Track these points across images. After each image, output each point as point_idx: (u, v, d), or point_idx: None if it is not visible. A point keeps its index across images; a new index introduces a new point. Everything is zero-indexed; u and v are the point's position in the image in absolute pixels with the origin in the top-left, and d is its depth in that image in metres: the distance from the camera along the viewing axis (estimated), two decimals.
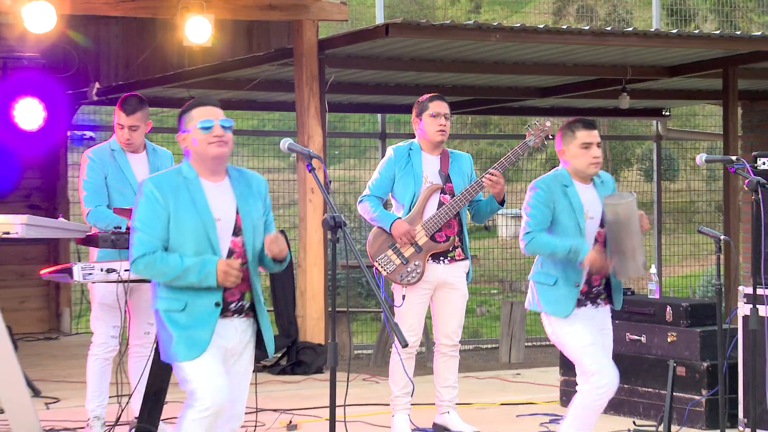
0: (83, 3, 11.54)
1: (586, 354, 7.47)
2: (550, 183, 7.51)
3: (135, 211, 6.24)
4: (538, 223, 7.46)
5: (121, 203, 8.79)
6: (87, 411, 9.03)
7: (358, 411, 9.98)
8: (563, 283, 7.49)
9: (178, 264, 6.13)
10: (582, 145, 7.46)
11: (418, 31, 12.33)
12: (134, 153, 8.98)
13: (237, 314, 6.31)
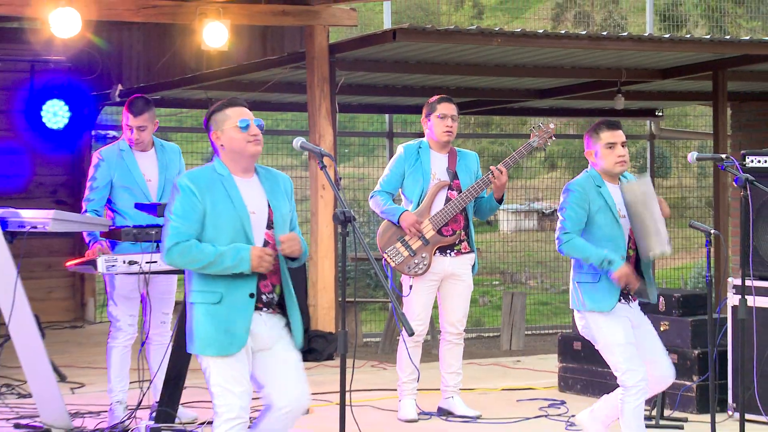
0: (107, 9, 11.55)
1: (621, 351, 7.44)
2: (584, 184, 7.50)
3: (170, 205, 6.23)
4: (575, 224, 7.44)
5: (129, 201, 8.85)
6: (109, 396, 9.05)
7: (367, 396, 9.99)
8: (606, 279, 7.42)
9: (212, 250, 6.12)
10: (607, 145, 7.48)
11: (423, 36, 12.34)
12: (143, 151, 9.00)
13: (266, 307, 6.29)
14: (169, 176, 9.03)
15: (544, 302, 18.36)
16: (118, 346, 8.95)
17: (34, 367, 8.92)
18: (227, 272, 6.15)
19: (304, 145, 6.29)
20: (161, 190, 8.98)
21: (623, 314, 7.48)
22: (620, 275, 7.32)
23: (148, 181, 8.96)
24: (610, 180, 7.53)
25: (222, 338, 6.19)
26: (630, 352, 7.41)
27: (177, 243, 6.15)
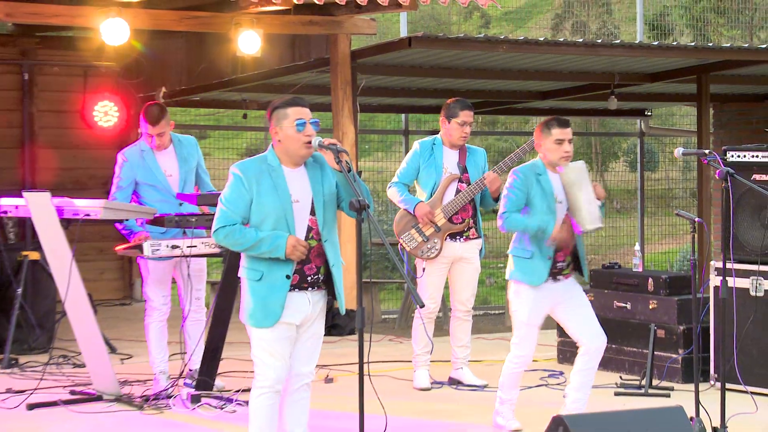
0: (153, 19, 11.56)
1: (522, 328, 7.73)
2: (526, 171, 7.67)
3: (224, 190, 6.30)
4: (513, 205, 7.62)
5: (154, 195, 8.90)
6: (152, 367, 9.07)
7: (385, 367, 9.99)
8: (538, 257, 7.60)
9: (254, 236, 6.18)
10: (556, 141, 7.61)
11: (436, 43, 12.34)
12: (159, 152, 9.01)
13: (311, 287, 6.33)
14: (188, 168, 9.07)
15: None
16: (154, 322, 9.00)
17: (88, 340, 8.95)
18: (264, 256, 6.21)
19: (322, 144, 6.27)
20: (182, 183, 9.01)
21: (547, 293, 7.66)
22: (554, 237, 7.51)
23: (169, 176, 8.98)
24: (552, 170, 7.66)
25: (259, 312, 6.26)
26: (528, 332, 7.72)
27: (224, 226, 6.23)
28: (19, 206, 9.03)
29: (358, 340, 6.06)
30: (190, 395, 8.62)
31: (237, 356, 9.97)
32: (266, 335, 6.28)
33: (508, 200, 7.61)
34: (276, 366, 6.30)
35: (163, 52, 14.31)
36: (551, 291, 7.65)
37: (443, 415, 8.60)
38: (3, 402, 8.85)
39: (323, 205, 6.35)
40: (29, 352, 10.87)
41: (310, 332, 6.43)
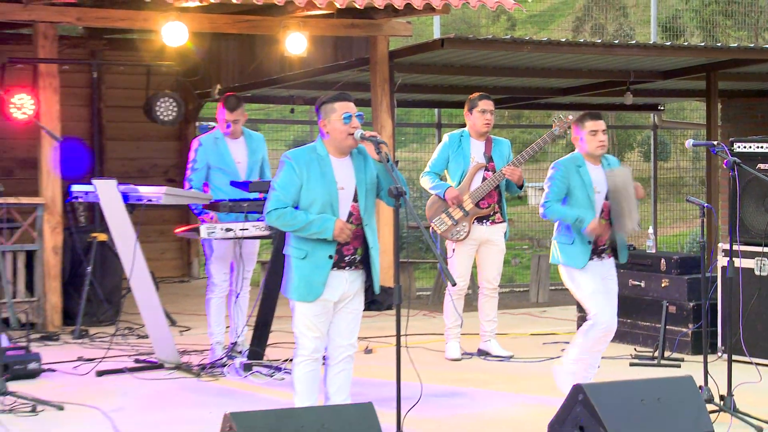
0: (209, 22, 11.58)
1: (591, 299, 7.55)
2: (566, 163, 7.59)
3: (276, 176, 6.34)
4: (556, 195, 7.54)
5: (222, 179, 8.95)
6: (210, 338, 9.11)
7: (419, 339, 9.99)
8: (579, 242, 7.53)
9: (304, 218, 6.21)
10: (590, 132, 7.53)
11: (466, 44, 12.32)
12: (234, 139, 9.05)
13: (349, 266, 6.34)
14: (255, 159, 9.11)
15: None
16: (215, 297, 9.03)
17: (150, 314, 8.99)
18: (313, 237, 6.23)
19: (364, 135, 6.28)
20: (249, 171, 9.06)
21: (594, 269, 7.58)
22: (591, 229, 7.44)
23: (238, 163, 9.02)
24: (591, 161, 7.59)
25: (302, 287, 6.30)
26: (598, 299, 7.56)
27: (276, 209, 6.27)
28: (89, 192, 9.08)
29: (396, 315, 6.07)
30: (243, 364, 8.66)
31: (285, 329, 9.99)
32: (307, 309, 6.32)
33: (549, 190, 7.56)
34: (314, 337, 6.35)
35: (218, 52, 14.34)
36: (597, 266, 7.60)
37: (472, 383, 8.60)
38: (75, 369, 8.91)
39: (365, 192, 6.36)
40: (98, 324, 10.93)
41: (349, 308, 6.44)
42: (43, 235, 10.87)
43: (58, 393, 7.97)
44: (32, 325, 10.65)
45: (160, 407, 7.73)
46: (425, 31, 19.83)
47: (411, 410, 6.37)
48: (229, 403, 7.48)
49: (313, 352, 6.38)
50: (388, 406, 6.37)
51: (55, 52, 11.05)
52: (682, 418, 6.18)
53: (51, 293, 10.84)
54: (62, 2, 10.60)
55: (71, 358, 9.33)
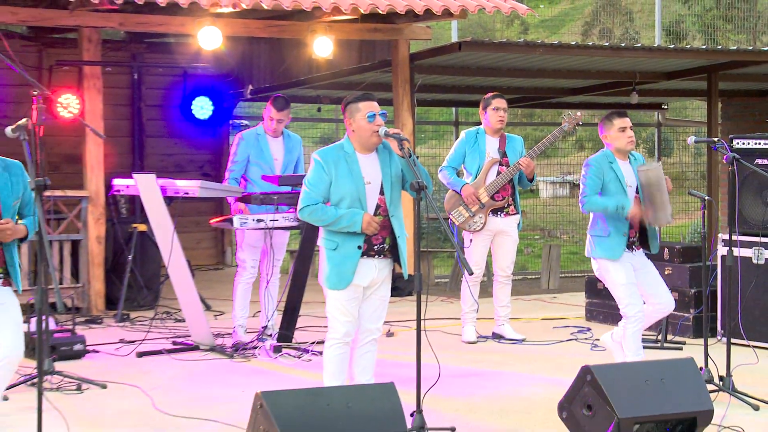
0: (242, 27, 11.60)
1: (623, 289, 7.50)
2: (600, 160, 7.57)
3: (307, 174, 6.36)
4: (593, 190, 7.51)
5: (258, 173, 8.98)
6: (233, 321, 9.14)
7: (438, 323, 10.00)
8: (615, 234, 7.49)
9: (334, 213, 6.24)
10: (619, 129, 7.52)
11: (482, 47, 12.31)
12: (274, 137, 9.06)
13: (378, 255, 6.37)
14: (291, 158, 9.13)
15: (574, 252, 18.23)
16: (243, 282, 9.06)
17: (187, 299, 9.02)
18: (343, 230, 6.26)
19: (388, 132, 6.28)
20: (284, 168, 9.08)
21: (627, 261, 7.52)
22: (633, 214, 7.43)
23: (275, 160, 9.04)
24: (620, 157, 7.56)
25: (334, 276, 6.32)
26: (630, 290, 7.48)
27: (308, 205, 6.30)
28: (129, 186, 9.11)
29: (416, 301, 6.07)
30: (273, 346, 8.68)
31: (312, 314, 10.01)
32: (339, 296, 6.34)
33: (586, 186, 7.52)
34: (346, 322, 6.36)
35: (250, 55, 14.35)
36: (630, 259, 7.55)
37: (487, 364, 8.60)
38: (117, 350, 8.95)
39: (391, 186, 6.38)
40: (138, 308, 10.98)
41: (377, 295, 6.46)
42: (88, 226, 10.91)
43: (101, 372, 8.01)
44: (77, 310, 10.71)
45: (196, 386, 7.76)
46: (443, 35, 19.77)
47: (430, 390, 6.38)
48: (260, 383, 7.50)
49: (344, 335, 6.40)
50: (408, 385, 6.38)
51: (99, 55, 11.09)
52: (683, 397, 6.17)
53: (95, 280, 10.89)
54: (105, 8, 10.63)
55: (113, 340, 9.37)
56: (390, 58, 12.46)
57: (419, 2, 11.38)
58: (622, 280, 7.48)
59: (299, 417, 5.41)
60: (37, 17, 10.77)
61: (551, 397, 6.77)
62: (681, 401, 6.15)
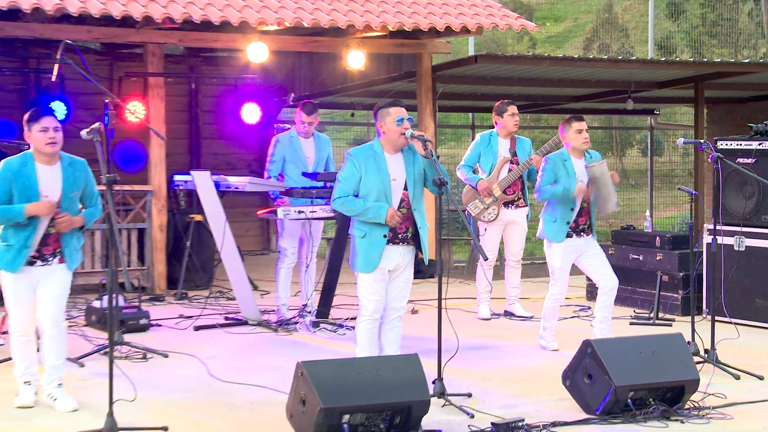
0: (285, 43, 11.61)
1: (557, 272, 7.74)
2: (555, 158, 7.67)
3: (341, 169, 6.39)
4: (546, 181, 7.60)
5: (294, 171, 8.98)
6: (276, 301, 9.16)
7: (456, 302, 9.98)
8: (560, 221, 7.63)
9: (362, 205, 6.26)
10: (576, 131, 7.58)
11: (496, 60, 12.28)
12: (306, 138, 9.08)
13: (402, 242, 6.39)
14: (321, 156, 9.14)
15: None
16: (284, 267, 9.07)
17: (237, 280, 9.05)
18: (370, 221, 6.28)
19: (413, 134, 6.30)
20: (316, 165, 9.10)
21: (571, 245, 7.65)
22: (577, 192, 7.52)
23: (308, 158, 9.06)
24: (576, 155, 7.63)
25: (362, 260, 6.34)
26: (561, 273, 7.74)
27: (340, 197, 6.32)
28: (187, 181, 9.14)
29: (437, 282, 6.07)
30: (312, 322, 8.69)
31: (346, 293, 10.02)
32: (367, 278, 6.35)
33: (541, 178, 7.63)
34: (374, 300, 6.37)
35: (292, 67, 14.35)
36: (575, 244, 7.65)
37: (500, 338, 8.59)
38: (176, 324, 9.00)
39: (414, 182, 6.39)
40: (195, 288, 11.02)
41: (402, 277, 6.47)
42: (152, 216, 10.96)
43: (163, 343, 8.05)
44: (143, 289, 10.76)
45: (245, 356, 7.79)
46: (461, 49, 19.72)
47: (449, 360, 6.38)
48: (301, 353, 7.52)
49: (373, 312, 6.41)
50: (430, 356, 6.38)
51: (161, 67, 11.12)
52: (672, 367, 6.15)
53: (157, 263, 10.94)
54: (167, 27, 10.67)
55: (174, 315, 9.42)
56: (415, 70, 12.44)
57: (440, 20, 11.37)
58: (557, 264, 7.68)
59: (335, 383, 5.42)
60: (108, 35, 10.82)
61: (556, 367, 6.76)
62: (671, 371, 6.13)
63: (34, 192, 5.95)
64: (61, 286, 6.12)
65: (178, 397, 6.52)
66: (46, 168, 6.03)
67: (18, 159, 6.04)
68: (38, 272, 6.05)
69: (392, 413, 5.49)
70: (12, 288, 6.03)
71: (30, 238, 5.99)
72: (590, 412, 6.06)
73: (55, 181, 6.02)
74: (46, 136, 5.97)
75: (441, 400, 6.19)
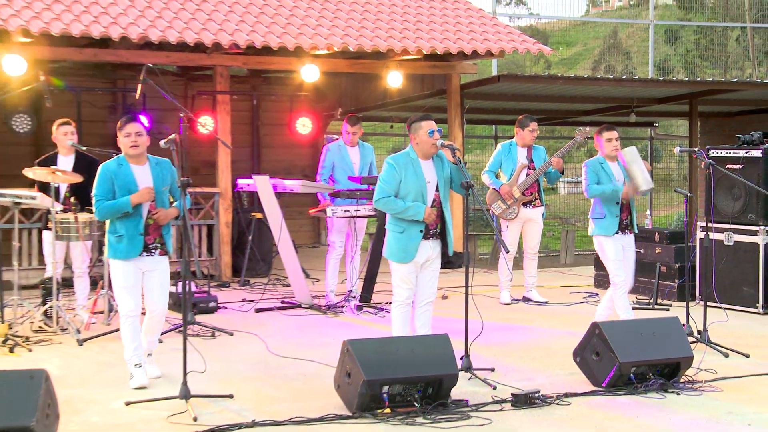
0: (333, 65, 11.63)
1: (613, 264, 7.45)
2: (594, 162, 7.55)
3: (382, 173, 6.34)
4: (592, 182, 7.49)
5: (342, 175, 8.99)
6: (326, 287, 9.17)
7: (481, 289, 9.95)
8: (609, 216, 7.44)
9: (402, 205, 6.23)
10: (607, 139, 7.48)
11: (516, 79, 12.24)
12: (352, 147, 9.06)
13: (432, 237, 6.35)
14: (365, 162, 9.13)
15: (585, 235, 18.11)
16: (333, 258, 9.07)
17: (292, 269, 9.07)
18: (408, 219, 6.25)
19: (444, 143, 6.27)
20: (361, 170, 9.07)
21: (618, 240, 7.46)
22: (626, 192, 7.39)
23: (354, 164, 9.05)
24: (609, 160, 7.52)
25: (400, 252, 6.31)
26: (618, 264, 7.45)
27: (382, 197, 6.29)
28: (249, 184, 9.20)
29: (465, 272, 6.05)
30: (356, 305, 8.70)
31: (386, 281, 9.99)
32: (402, 268, 6.32)
33: (587, 180, 7.50)
34: (406, 288, 6.35)
35: (339, 85, 14.38)
36: (621, 239, 7.48)
37: (519, 321, 8.55)
38: (240, 307, 9.04)
39: (443, 185, 6.37)
40: (256, 276, 11.07)
41: (431, 267, 6.43)
42: (219, 214, 11.03)
43: (228, 323, 8.09)
44: (211, 276, 10.83)
45: (298, 334, 7.80)
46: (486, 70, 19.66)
47: (475, 339, 6.35)
48: (347, 333, 7.53)
49: (406, 299, 6.38)
50: (458, 336, 6.36)
51: (228, 86, 11.18)
52: (669, 346, 6.10)
53: (224, 254, 11.00)
54: (233, 52, 10.72)
55: (238, 299, 9.46)
56: (445, 88, 12.41)
57: (468, 45, 11.33)
58: (612, 256, 7.44)
59: (376, 359, 5.42)
60: (183, 59, 10.89)
61: (568, 345, 6.72)
62: (668, 349, 6.08)
63: (133, 187, 6.04)
64: (167, 276, 6.18)
65: (241, 370, 6.54)
66: (138, 167, 6.11)
67: (114, 162, 6.13)
68: (146, 262, 6.08)
69: (425, 385, 5.48)
70: (123, 275, 6.02)
71: (140, 225, 6.04)
72: (597, 384, 6.02)
73: (147, 179, 6.10)
74: (129, 140, 6.06)
75: (468, 374, 6.16)
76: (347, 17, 11.56)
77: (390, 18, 11.83)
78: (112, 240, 6.05)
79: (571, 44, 34.70)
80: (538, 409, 5.57)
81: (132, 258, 6.02)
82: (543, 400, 5.67)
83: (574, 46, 34.92)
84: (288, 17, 11.15)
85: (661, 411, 5.56)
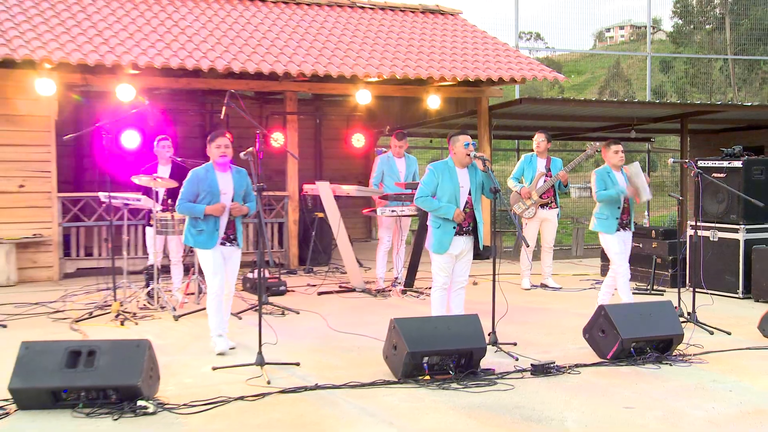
0: (382, 90, 11.62)
1: (616, 257, 7.32)
2: (602, 171, 7.41)
3: (423, 177, 6.31)
4: (600, 188, 7.35)
5: (390, 181, 8.98)
6: (377, 275, 9.14)
7: (505, 277, 9.88)
8: (610, 217, 7.32)
9: (436, 204, 6.20)
10: (614, 151, 7.33)
11: (535, 102, 12.11)
12: (399, 158, 9.04)
13: (465, 233, 6.32)
14: (410, 171, 9.09)
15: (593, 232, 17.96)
16: (382, 251, 9.06)
17: (348, 259, 9.07)
18: (441, 217, 6.22)
19: (476, 155, 6.24)
20: (406, 177, 9.04)
21: (620, 236, 7.34)
22: (629, 194, 7.27)
23: (400, 172, 9.02)
24: (615, 169, 7.39)
25: (437, 244, 6.28)
26: (620, 256, 7.32)
27: (422, 197, 6.26)
28: (313, 189, 9.21)
29: (492, 262, 6.00)
30: (401, 290, 8.67)
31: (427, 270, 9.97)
32: (440, 258, 6.29)
33: (596, 186, 7.37)
34: (443, 276, 6.32)
35: (387, 106, 14.37)
36: (621, 235, 7.36)
37: (538, 303, 8.46)
38: (305, 291, 9.06)
39: (475, 189, 6.32)
40: (318, 265, 11.09)
41: (465, 259, 6.39)
42: (288, 214, 11.08)
43: (296, 304, 8.13)
44: (282, 265, 10.89)
45: (353, 314, 7.81)
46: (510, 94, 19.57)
47: (501, 318, 6.30)
48: (394, 312, 7.52)
49: (443, 284, 6.35)
50: (486, 316, 6.31)
51: (296, 108, 11.23)
52: (664, 325, 6.01)
53: (292, 247, 11.05)
54: (300, 79, 10.77)
55: (303, 284, 9.49)
56: (476, 109, 12.34)
57: (495, 73, 11.25)
58: (615, 249, 7.33)
59: (418, 334, 5.41)
60: (259, 86, 10.96)
61: (579, 324, 6.64)
62: (662, 328, 6.00)
63: (216, 191, 6.11)
64: (237, 264, 6.27)
65: (306, 342, 6.57)
66: (222, 174, 6.17)
67: (202, 168, 6.20)
68: (227, 251, 6.17)
69: (458, 356, 5.46)
70: (212, 261, 6.09)
71: (217, 223, 6.11)
72: (603, 357, 5.95)
73: (229, 184, 6.17)
74: (219, 151, 6.13)
75: (494, 347, 6.12)
76: (395, 50, 11.55)
77: (430, 51, 11.80)
78: (193, 232, 6.13)
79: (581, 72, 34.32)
80: (554, 377, 5.52)
81: (212, 247, 6.08)
82: (557, 370, 5.61)
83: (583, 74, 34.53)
84: (346, 50, 11.17)
85: (657, 379, 5.49)
